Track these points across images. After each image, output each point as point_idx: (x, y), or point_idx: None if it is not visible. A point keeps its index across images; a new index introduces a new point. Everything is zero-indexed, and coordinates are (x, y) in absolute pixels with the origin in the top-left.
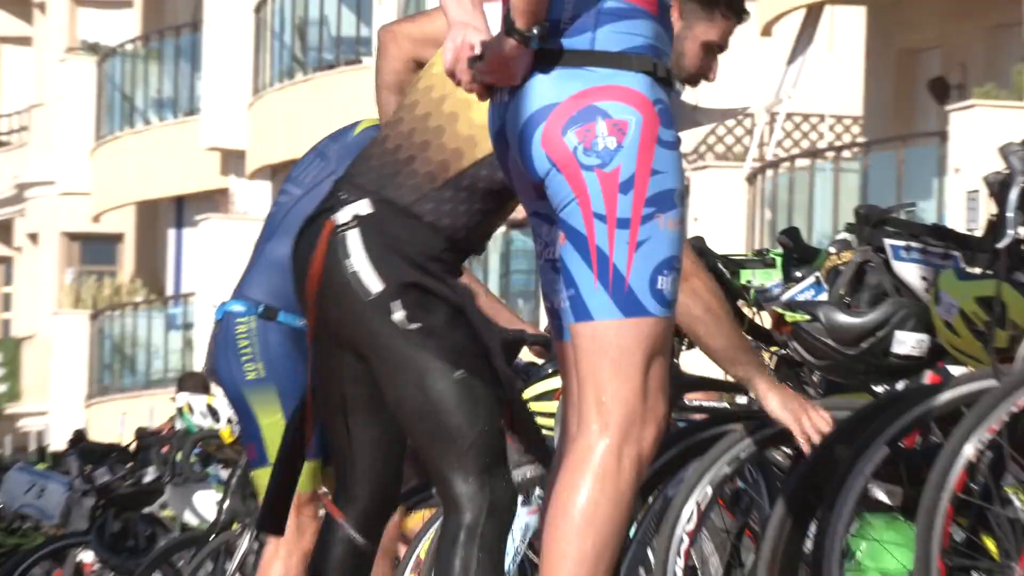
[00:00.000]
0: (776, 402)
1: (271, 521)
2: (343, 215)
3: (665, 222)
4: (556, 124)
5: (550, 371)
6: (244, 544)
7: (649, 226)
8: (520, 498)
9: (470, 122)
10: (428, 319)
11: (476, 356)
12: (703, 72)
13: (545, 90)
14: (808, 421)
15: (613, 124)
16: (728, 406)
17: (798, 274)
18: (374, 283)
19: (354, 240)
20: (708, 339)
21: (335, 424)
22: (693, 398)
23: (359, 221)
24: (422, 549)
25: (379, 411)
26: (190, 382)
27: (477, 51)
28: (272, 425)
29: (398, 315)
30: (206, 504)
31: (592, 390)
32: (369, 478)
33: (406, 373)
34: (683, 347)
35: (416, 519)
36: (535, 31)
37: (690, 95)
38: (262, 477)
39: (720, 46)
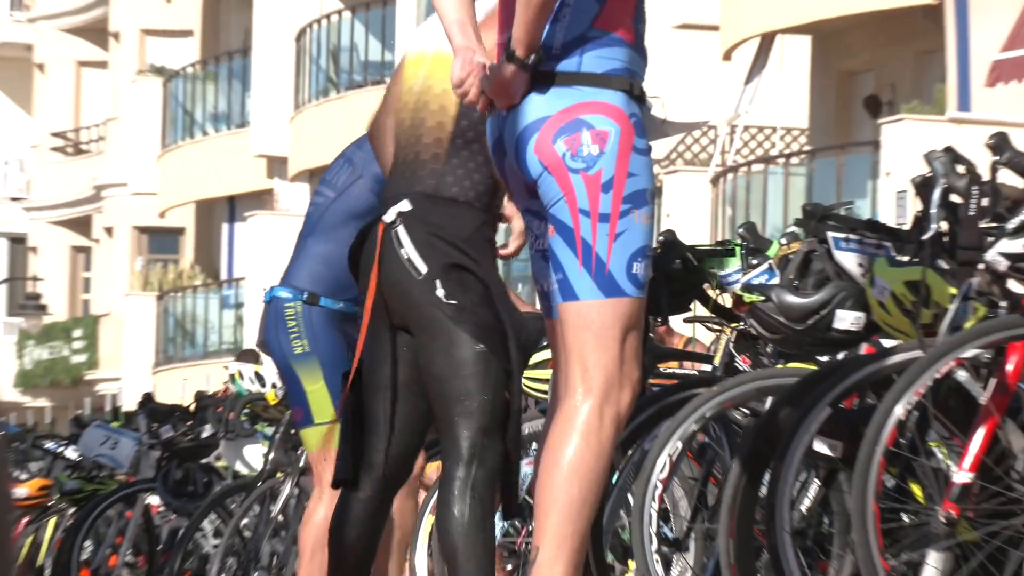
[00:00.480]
0: None
1: (348, 472)
2: (390, 215)
3: (639, 216)
4: (548, 134)
5: (543, 345)
6: (286, 490)
7: (626, 220)
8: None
9: (436, 97)
10: (463, 298)
11: (497, 334)
12: None
13: (538, 105)
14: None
15: (596, 134)
16: (696, 373)
17: (754, 262)
18: (422, 265)
19: (403, 233)
20: None
21: (375, 401)
22: (666, 367)
23: (403, 217)
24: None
25: (420, 394)
26: (244, 356)
27: (487, 72)
28: (316, 391)
29: (440, 292)
30: (254, 456)
31: (577, 359)
32: (397, 450)
33: (437, 340)
34: (656, 324)
35: (433, 467)
36: (531, 59)
37: (659, 109)
38: (309, 435)
39: None
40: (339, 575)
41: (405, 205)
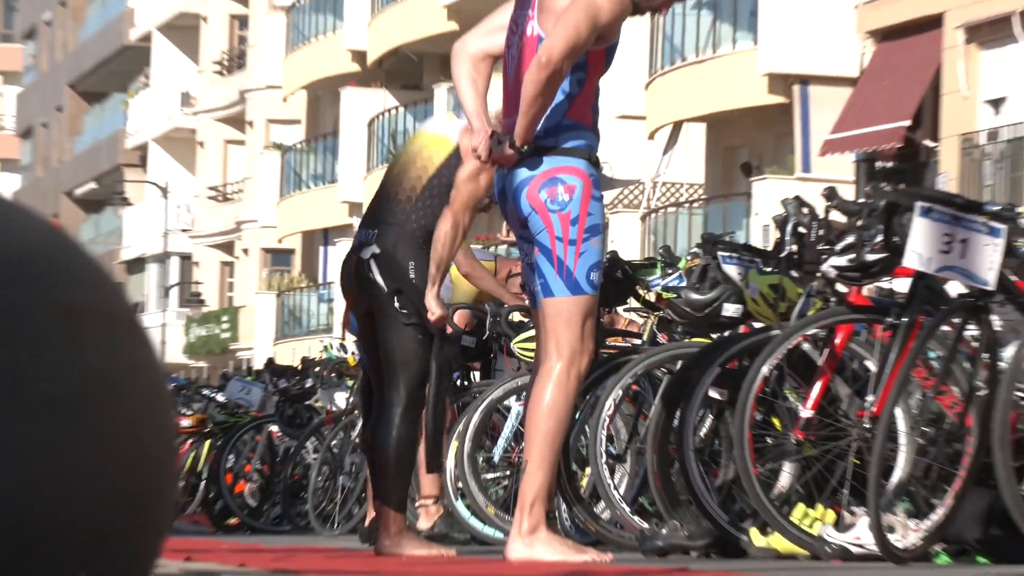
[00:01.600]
0: None
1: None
2: (365, 253)
3: (595, 242)
4: (535, 187)
5: (530, 326)
6: (360, 421)
7: (586, 244)
8: (514, 397)
9: (423, 159)
10: (411, 308)
11: (429, 335)
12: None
13: (529, 168)
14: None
15: (567, 187)
16: (631, 345)
17: (669, 271)
18: (384, 286)
19: (373, 265)
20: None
21: (372, 362)
22: (611, 341)
23: (373, 256)
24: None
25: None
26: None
27: (495, 143)
28: None
29: (396, 303)
30: (341, 400)
31: (552, 336)
32: (380, 382)
33: (390, 332)
34: (605, 312)
35: None
36: (525, 148)
37: (608, 171)
38: None
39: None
40: (376, 472)
41: (375, 249)
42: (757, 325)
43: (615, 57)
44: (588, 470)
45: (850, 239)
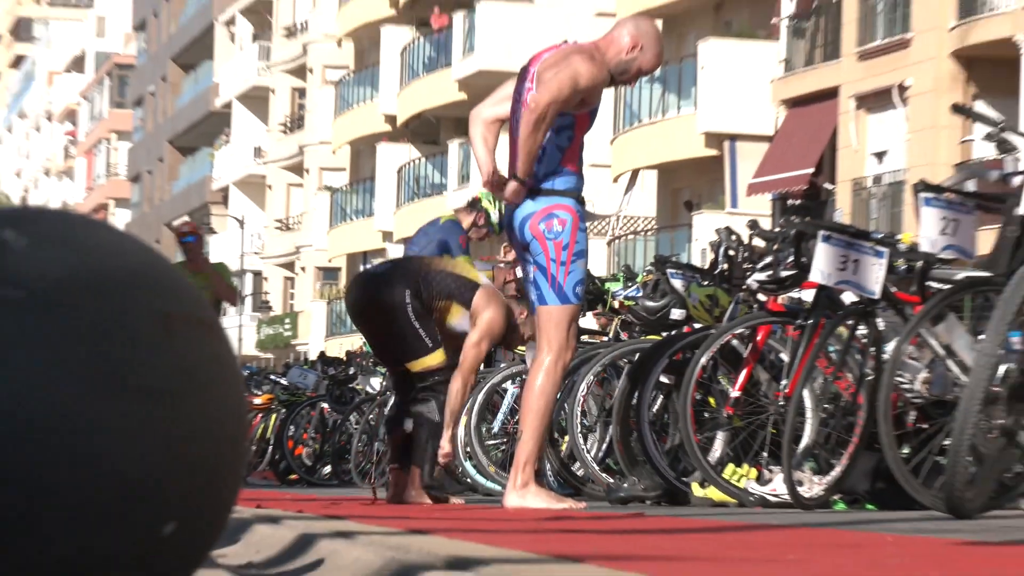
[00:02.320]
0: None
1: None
2: (379, 268)
3: (580, 264)
4: (535, 220)
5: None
6: (391, 400)
7: (574, 265)
8: (509, 381)
9: (460, 265)
10: (424, 315)
11: (436, 332)
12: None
13: (530, 205)
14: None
15: (560, 220)
16: (599, 341)
17: (630, 284)
18: (398, 297)
19: (383, 283)
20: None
21: (382, 355)
22: (585, 338)
23: (383, 274)
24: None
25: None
26: None
27: (497, 181)
28: None
29: (410, 312)
30: (376, 383)
31: (545, 336)
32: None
33: (398, 330)
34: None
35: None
36: (527, 180)
37: (589, 207)
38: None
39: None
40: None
41: (387, 266)
42: (697, 326)
43: (596, 118)
44: (566, 438)
45: (768, 259)
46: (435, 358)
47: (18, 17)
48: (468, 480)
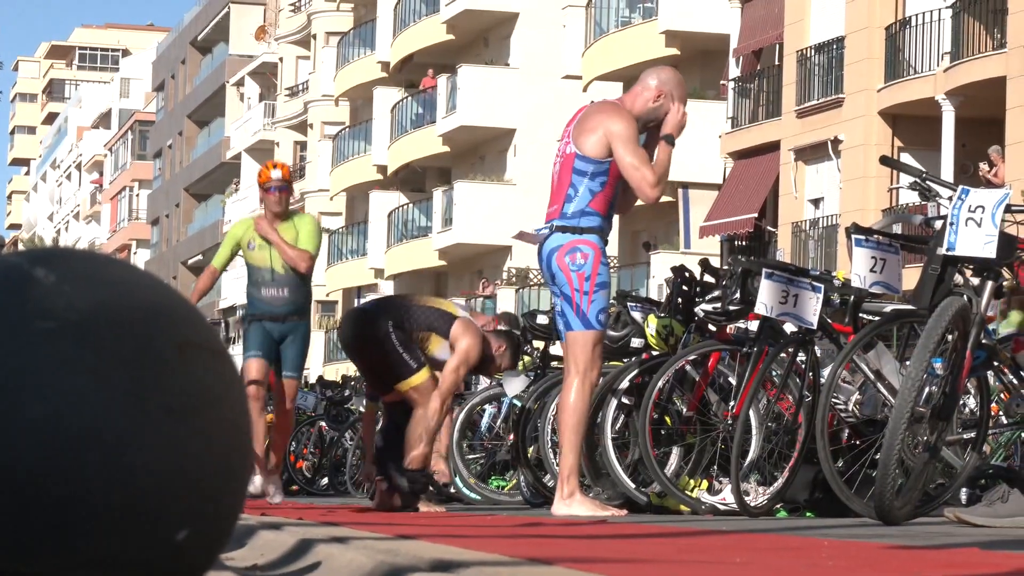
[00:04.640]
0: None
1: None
2: (368, 305)
3: (603, 294)
4: (562, 253)
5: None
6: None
7: (596, 295)
8: (487, 404)
9: (443, 303)
10: (408, 343)
11: (420, 355)
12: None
13: (558, 239)
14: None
15: (584, 255)
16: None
17: None
18: (382, 329)
19: (368, 320)
20: None
21: (375, 384)
22: (554, 364)
23: (368, 311)
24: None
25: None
26: None
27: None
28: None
29: (394, 341)
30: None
31: (573, 358)
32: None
33: (385, 357)
34: (552, 341)
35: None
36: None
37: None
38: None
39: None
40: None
41: (372, 303)
42: (655, 353)
43: None
44: (532, 449)
45: (717, 293)
46: (420, 377)
47: (51, 79)
48: (452, 491)
